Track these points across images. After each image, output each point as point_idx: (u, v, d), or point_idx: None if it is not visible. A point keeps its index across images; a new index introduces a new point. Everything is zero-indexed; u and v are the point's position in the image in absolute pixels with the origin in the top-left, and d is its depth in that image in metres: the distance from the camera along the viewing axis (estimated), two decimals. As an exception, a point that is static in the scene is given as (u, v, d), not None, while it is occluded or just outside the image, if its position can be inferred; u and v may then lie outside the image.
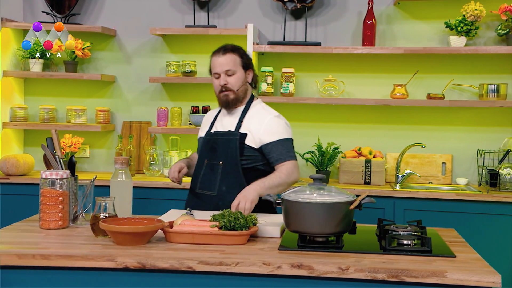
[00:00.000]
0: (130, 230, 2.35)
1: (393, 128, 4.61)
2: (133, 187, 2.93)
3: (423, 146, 4.38)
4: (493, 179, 4.20)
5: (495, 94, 4.34)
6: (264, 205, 2.91)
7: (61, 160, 2.85)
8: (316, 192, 2.44)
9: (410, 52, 4.35)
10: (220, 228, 2.46)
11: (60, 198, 2.64)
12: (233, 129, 3.11)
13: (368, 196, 2.42)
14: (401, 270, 2.07)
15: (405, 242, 2.39)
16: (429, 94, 4.44)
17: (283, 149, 3.04)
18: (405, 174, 4.43)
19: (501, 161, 4.33)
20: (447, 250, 2.36)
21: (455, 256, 2.27)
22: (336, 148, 4.43)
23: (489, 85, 4.35)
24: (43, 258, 2.20)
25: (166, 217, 2.79)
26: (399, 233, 2.47)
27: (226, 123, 3.16)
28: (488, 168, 4.34)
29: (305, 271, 2.12)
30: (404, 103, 4.41)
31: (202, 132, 3.30)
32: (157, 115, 4.64)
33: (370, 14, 4.45)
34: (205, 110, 4.64)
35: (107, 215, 2.52)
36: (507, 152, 4.32)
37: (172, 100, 4.81)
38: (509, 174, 4.17)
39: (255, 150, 3.08)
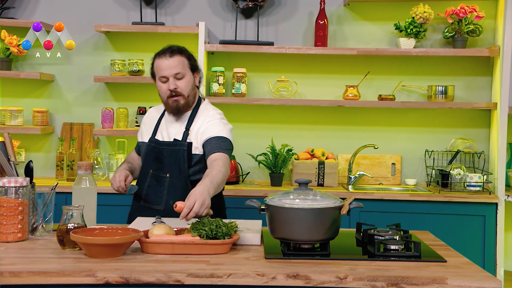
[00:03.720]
0: (107, 241, 2.17)
1: (344, 129, 4.59)
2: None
3: (376, 147, 4.39)
4: (444, 179, 4.24)
5: (443, 95, 4.39)
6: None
7: (15, 166, 2.62)
8: (302, 197, 2.34)
9: (363, 53, 4.34)
10: (202, 237, 2.31)
11: (20, 208, 2.41)
12: (179, 138, 2.94)
13: (355, 199, 2.35)
14: (401, 278, 2.00)
15: (393, 247, 2.33)
16: (380, 95, 4.44)
17: (216, 143, 2.83)
18: (357, 176, 4.42)
19: (450, 161, 4.39)
20: (436, 255, 2.32)
21: (445, 261, 2.23)
22: (290, 150, 4.36)
23: (437, 87, 4.40)
24: (13, 276, 1.98)
25: (134, 226, 2.61)
26: (386, 238, 2.41)
27: (172, 130, 2.99)
28: (438, 168, 4.38)
29: (302, 281, 2.01)
30: (357, 104, 4.39)
31: (144, 136, 3.08)
32: (102, 116, 4.40)
33: (322, 14, 4.40)
34: (152, 111, 4.45)
35: (75, 225, 2.32)
36: (457, 152, 4.38)
37: (116, 100, 4.59)
38: (459, 174, 4.22)
39: (201, 156, 2.92)
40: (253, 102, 4.35)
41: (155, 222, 2.68)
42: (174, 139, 2.95)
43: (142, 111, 4.44)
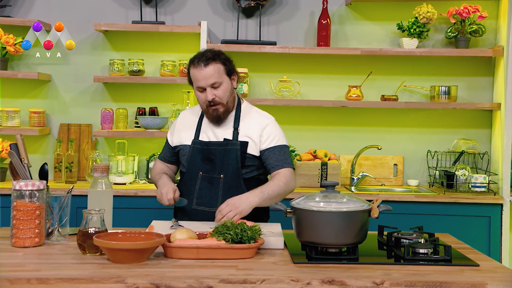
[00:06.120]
0: (133, 246, 2.10)
1: (346, 130, 4.55)
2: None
3: (379, 148, 4.36)
4: (449, 180, 4.22)
5: (446, 96, 4.37)
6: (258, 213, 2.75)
7: (29, 168, 2.54)
8: (329, 199, 2.29)
9: (367, 53, 4.31)
10: (227, 241, 2.25)
11: (37, 212, 2.32)
12: (229, 138, 2.87)
13: (382, 202, 2.31)
14: (439, 283, 1.96)
15: (421, 250, 2.29)
16: (383, 95, 4.41)
17: (281, 155, 2.87)
18: (360, 177, 4.39)
19: (455, 162, 4.37)
20: (466, 259, 2.28)
21: (478, 265, 2.19)
22: (293, 151, 4.31)
23: (440, 87, 4.38)
24: (41, 282, 1.90)
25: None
26: (413, 241, 2.37)
27: (219, 131, 2.90)
28: (442, 169, 4.36)
29: (338, 287, 1.96)
30: (360, 105, 4.35)
31: (184, 139, 2.97)
32: (101, 117, 4.31)
33: (324, 14, 4.36)
34: (152, 111, 4.37)
35: (96, 229, 2.25)
36: (461, 153, 4.37)
37: (115, 101, 4.49)
38: (464, 175, 4.21)
39: (256, 158, 2.89)
40: (256, 103, 4.27)
41: (173, 226, 2.62)
42: (225, 139, 2.87)
43: (141, 112, 4.36)
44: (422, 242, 2.39)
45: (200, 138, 2.92)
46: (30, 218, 2.31)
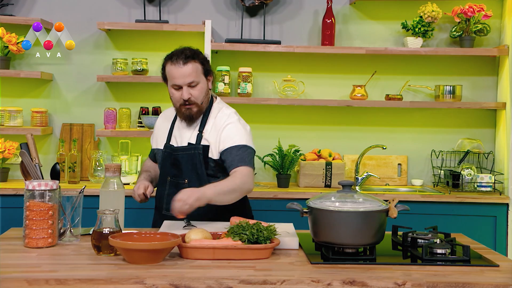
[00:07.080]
0: (150, 247, 2.07)
1: (350, 129, 4.53)
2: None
3: (384, 147, 4.34)
4: (455, 180, 4.21)
5: (451, 95, 4.36)
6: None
7: (40, 168, 2.51)
8: (346, 199, 2.27)
9: (372, 52, 4.30)
10: (243, 241, 2.23)
11: (50, 212, 2.29)
12: (193, 142, 2.84)
13: (399, 202, 2.29)
14: (461, 284, 1.94)
15: (439, 251, 2.27)
16: (387, 95, 4.39)
17: (238, 155, 2.75)
18: (364, 176, 4.37)
19: (460, 161, 4.36)
20: (485, 259, 2.26)
21: (498, 265, 2.18)
22: (297, 151, 4.28)
23: (445, 87, 4.37)
24: (59, 283, 1.87)
25: (163, 230, 2.51)
26: (430, 241, 2.35)
27: (186, 134, 2.88)
28: (448, 169, 4.35)
29: (359, 288, 1.94)
30: (365, 104, 4.34)
31: (159, 143, 2.98)
32: (105, 116, 4.27)
33: (329, 13, 4.34)
34: (156, 111, 4.34)
35: (111, 230, 2.22)
36: (467, 152, 4.36)
37: (117, 100, 4.46)
38: (469, 174, 4.20)
39: (219, 161, 2.82)
40: (261, 102, 4.27)
41: (185, 226, 2.59)
42: (189, 143, 2.84)
43: (144, 111, 4.33)
44: (438, 242, 2.37)
45: (171, 143, 2.91)
46: (43, 219, 2.28)
